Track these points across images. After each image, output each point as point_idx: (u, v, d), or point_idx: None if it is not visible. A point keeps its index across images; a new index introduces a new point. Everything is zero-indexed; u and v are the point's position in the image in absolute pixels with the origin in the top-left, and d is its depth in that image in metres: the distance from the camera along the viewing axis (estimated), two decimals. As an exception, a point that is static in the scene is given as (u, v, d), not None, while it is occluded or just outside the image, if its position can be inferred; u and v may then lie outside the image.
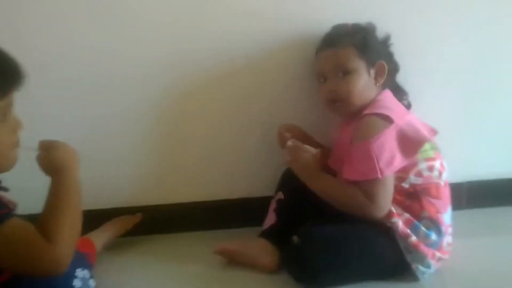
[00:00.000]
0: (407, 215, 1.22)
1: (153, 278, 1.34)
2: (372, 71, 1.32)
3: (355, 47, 1.31)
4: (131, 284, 1.31)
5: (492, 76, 1.57)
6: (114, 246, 1.46)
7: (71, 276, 1.01)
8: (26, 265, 0.87)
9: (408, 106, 1.40)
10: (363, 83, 1.31)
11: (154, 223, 1.56)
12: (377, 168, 1.18)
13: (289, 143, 1.32)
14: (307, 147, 1.31)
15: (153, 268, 1.38)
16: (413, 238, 1.20)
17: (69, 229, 0.91)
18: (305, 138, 1.43)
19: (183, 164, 1.56)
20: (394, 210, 1.22)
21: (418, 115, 1.34)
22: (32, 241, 0.86)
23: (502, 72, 1.58)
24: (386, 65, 1.33)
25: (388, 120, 1.22)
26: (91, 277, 1.08)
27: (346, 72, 1.31)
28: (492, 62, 1.56)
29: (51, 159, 0.97)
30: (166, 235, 1.57)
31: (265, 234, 1.37)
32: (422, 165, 1.24)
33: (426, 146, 1.25)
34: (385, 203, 1.21)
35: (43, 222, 0.89)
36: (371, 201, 1.20)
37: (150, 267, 1.39)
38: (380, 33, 1.40)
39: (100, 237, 1.39)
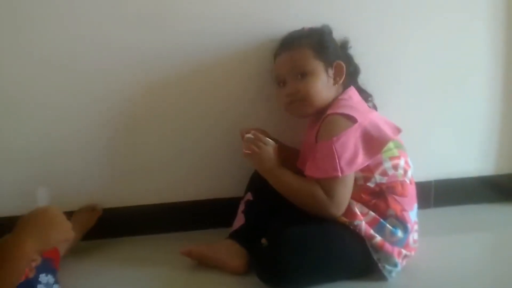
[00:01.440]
0: (372, 214, 1.23)
1: (118, 282, 1.32)
2: (331, 71, 1.33)
3: (311, 49, 1.32)
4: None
5: (458, 74, 1.60)
6: (79, 250, 1.44)
7: (35, 282, 0.99)
8: None
9: (373, 108, 1.41)
10: (322, 84, 1.32)
11: (120, 226, 1.55)
12: (338, 167, 1.19)
13: (248, 135, 1.31)
14: (267, 139, 1.30)
15: (119, 272, 1.36)
16: (378, 239, 1.21)
17: None
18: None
19: (149, 165, 1.55)
20: (358, 211, 1.22)
21: (384, 114, 1.35)
22: None
23: (468, 71, 1.60)
24: (344, 65, 1.34)
25: (351, 119, 1.23)
26: (56, 282, 1.06)
27: (304, 74, 1.32)
28: (457, 61, 1.59)
29: None
30: (132, 238, 1.55)
31: (233, 236, 1.36)
32: (387, 164, 1.25)
33: (390, 144, 1.26)
34: (343, 201, 1.22)
35: None
36: (330, 198, 1.20)
37: (115, 271, 1.37)
38: (340, 37, 1.42)
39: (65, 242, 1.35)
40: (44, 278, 1.02)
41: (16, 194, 1.47)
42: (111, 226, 1.53)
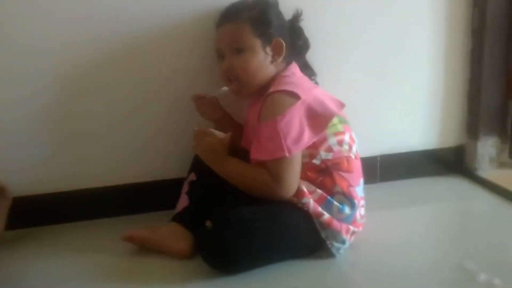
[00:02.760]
0: (319, 192, 1.21)
1: (57, 269, 1.26)
2: (269, 49, 1.29)
3: (250, 23, 1.28)
4: (33, 277, 1.23)
5: (401, 48, 1.60)
6: (14, 238, 1.39)
7: None
8: None
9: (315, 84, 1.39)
10: (258, 61, 1.28)
11: (57, 211, 1.49)
12: (284, 147, 1.16)
13: (195, 128, 1.29)
14: (213, 131, 1.27)
15: (57, 259, 1.31)
16: (326, 216, 1.20)
17: None
18: (219, 114, 1.43)
19: (89, 148, 1.49)
20: (305, 189, 1.20)
21: (327, 89, 1.33)
22: None
23: (410, 45, 1.61)
24: (283, 42, 1.29)
25: (294, 96, 1.20)
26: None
27: (240, 50, 1.28)
28: (400, 35, 1.59)
29: None
30: (71, 224, 1.50)
31: (177, 218, 1.31)
32: (332, 140, 1.23)
33: (335, 120, 1.24)
34: (293, 182, 1.19)
35: None
36: (278, 181, 1.18)
37: (54, 258, 1.31)
38: (290, 9, 1.37)
39: None
40: None
41: None
42: (48, 213, 1.48)
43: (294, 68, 1.31)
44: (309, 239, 1.21)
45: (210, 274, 1.17)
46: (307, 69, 1.38)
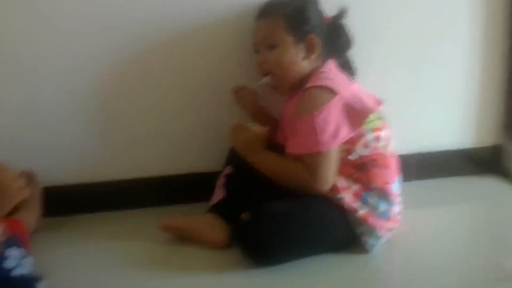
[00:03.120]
0: (355, 188, 1.22)
1: (97, 256, 1.29)
2: (303, 46, 1.29)
3: (284, 20, 1.28)
4: (74, 263, 1.26)
5: (437, 47, 1.59)
6: (55, 225, 1.42)
7: (1, 258, 0.95)
8: None
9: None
10: (290, 58, 1.29)
11: (98, 200, 1.51)
12: (321, 142, 1.17)
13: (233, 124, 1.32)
14: (250, 125, 1.30)
15: (97, 246, 1.33)
16: (361, 212, 1.20)
17: None
18: (258, 107, 1.44)
19: (127, 139, 1.51)
20: (341, 185, 1.21)
21: (366, 86, 1.33)
22: None
23: (447, 43, 1.59)
24: (318, 40, 1.29)
25: (332, 92, 1.20)
26: (25, 256, 1.02)
27: (273, 46, 1.29)
28: (437, 34, 1.58)
29: None
30: (110, 212, 1.52)
31: (213, 209, 1.33)
32: (369, 136, 1.23)
33: (372, 116, 1.23)
34: (329, 177, 1.20)
35: None
36: (314, 175, 1.19)
37: (94, 245, 1.34)
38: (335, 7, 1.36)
39: (29, 215, 1.32)
40: (11, 252, 0.98)
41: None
42: (90, 201, 1.50)
43: (331, 64, 1.32)
44: (343, 235, 1.22)
45: (245, 265, 1.18)
46: (347, 67, 1.38)
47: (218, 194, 1.37)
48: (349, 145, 1.22)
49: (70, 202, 1.48)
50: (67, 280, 1.16)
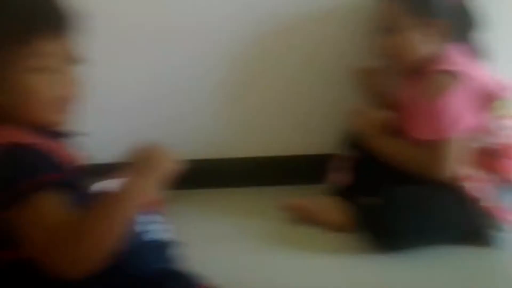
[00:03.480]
0: (480, 177, 1.19)
1: (218, 231, 1.34)
2: (425, 29, 1.24)
3: (406, 3, 1.24)
4: (199, 234, 1.29)
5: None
6: (178, 197, 1.43)
7: (144, 223, 0.95)
8: (41, 251, 0.68)
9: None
10: (412, 42, 1.24)
11: (221, 176, 1.56)
12: (443, 128, 1.16)
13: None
14: (371, 109, 1.30)
15: (220, 220, 1.38)
16: (488, 203, 1.17)
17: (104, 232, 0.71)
18: (379, 90, 1.42)
19: (255, 117, 1.54)
20: (464, 173, 1.18)
21: (497, 71, 1.28)
22: (57, 227, 0.67)
23: None
24: (441, 23, 1.24)
25: (457, 77, 1.17)
26: (164, 222, 1.03)
27: (392, 28, 1.25)
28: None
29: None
30: (234, 189, 1.55)
31: (337, 192, 1.35)
32: (495, 124, 1.20)
33: (501, 103, 1.20)
34: (450, 164, 1.18)
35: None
36: (435, 161, 1.17)
37: (215, 219, 1.39)
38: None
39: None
40: (152, 217, 0.99)
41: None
42: (212, 177, 1.54)
43: (457, 48, 1.26)
44: (469, 225, 1.20)
45: (367, 250, 1.19)
46: (474, 51, 1.33)
47: (343, 177, 1.37)
48: (474, 132, 1.19)
49: (193, 177, 1.50)
50: (197, 249, 1.12)
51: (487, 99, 1.19)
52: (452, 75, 1.18)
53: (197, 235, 1.28)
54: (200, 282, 0.87)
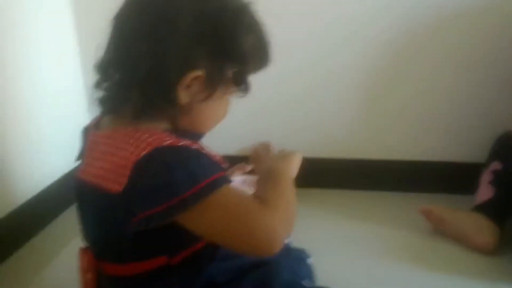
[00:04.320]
0: None
1: (350, 234, 1.28)
2: None
3: None
4: (328, 238, 1.25)
5: None
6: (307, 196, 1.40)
7: None
8: (237, 240, 0.70)
9: None
10: None
11: (354, 177, 1.52)
12: None
13: None
14: None
15: (352, 223, 1.33)
16: None
17: (286, 210, 0.75)
18: None
19: (389, 121, 1.48)
20: None
21: None
22: (248, 212, 0.70)
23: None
24: None
25: None
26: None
27: None
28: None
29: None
30: (365, 192, 1.51)
31: (480, 209, 1.21)
32: None
33: None
34: None
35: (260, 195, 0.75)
36: None
37: (348, 222, 1.34)
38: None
39: None
40: None
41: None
42: (346, 177, 1.52)
43: None
44: None
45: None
46: None
47: (486, 192, 1.23)
48: None
49: (324, 176, 1.51)
50: (326, 254, 1.08)
51: None
52: None
53: (329, 237, 1.26)
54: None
